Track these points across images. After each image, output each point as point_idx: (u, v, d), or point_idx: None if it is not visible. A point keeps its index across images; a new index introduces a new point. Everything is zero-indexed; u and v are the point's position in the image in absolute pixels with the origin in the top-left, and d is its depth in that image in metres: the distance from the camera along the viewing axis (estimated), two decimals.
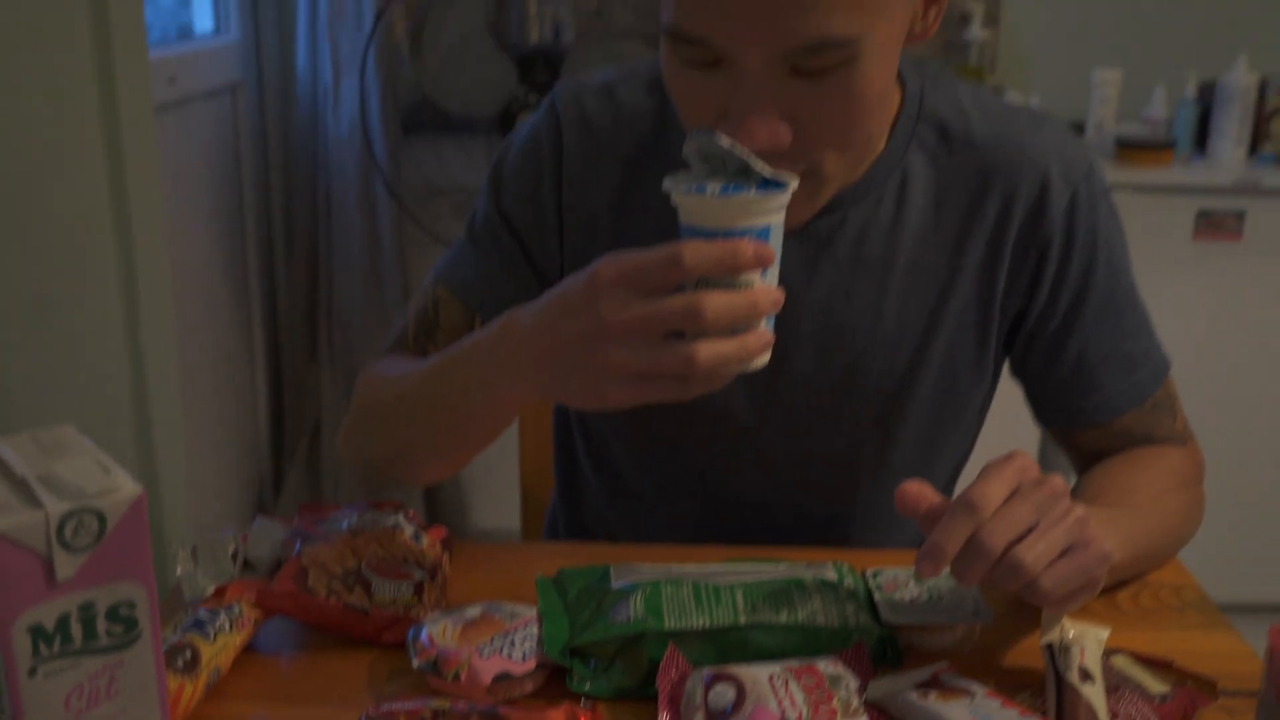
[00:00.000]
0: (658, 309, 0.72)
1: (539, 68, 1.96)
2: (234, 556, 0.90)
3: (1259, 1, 2.78)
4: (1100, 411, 1.03)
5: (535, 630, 0.81)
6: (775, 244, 0.75)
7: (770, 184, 0.74)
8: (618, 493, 1.14)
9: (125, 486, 0.56)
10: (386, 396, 0.99)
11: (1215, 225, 2.43)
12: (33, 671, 0.55)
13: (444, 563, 0.92)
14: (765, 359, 0.76)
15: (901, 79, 0.98)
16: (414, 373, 0.95)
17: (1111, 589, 0.94)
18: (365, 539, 0.92)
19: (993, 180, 0.97)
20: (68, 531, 0.54)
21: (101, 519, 0.55)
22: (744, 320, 0.73)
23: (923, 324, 0.99)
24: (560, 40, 2.46)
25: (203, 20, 2.35)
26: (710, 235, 0.73)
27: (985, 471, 0.78)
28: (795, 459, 1.04)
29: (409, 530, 0.94)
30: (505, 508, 2.31)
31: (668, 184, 0.75)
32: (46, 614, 0.55)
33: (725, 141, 0.74)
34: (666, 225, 0.79)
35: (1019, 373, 1.06)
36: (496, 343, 0.82)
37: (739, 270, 0.72)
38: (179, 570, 0.88)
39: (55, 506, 0.54)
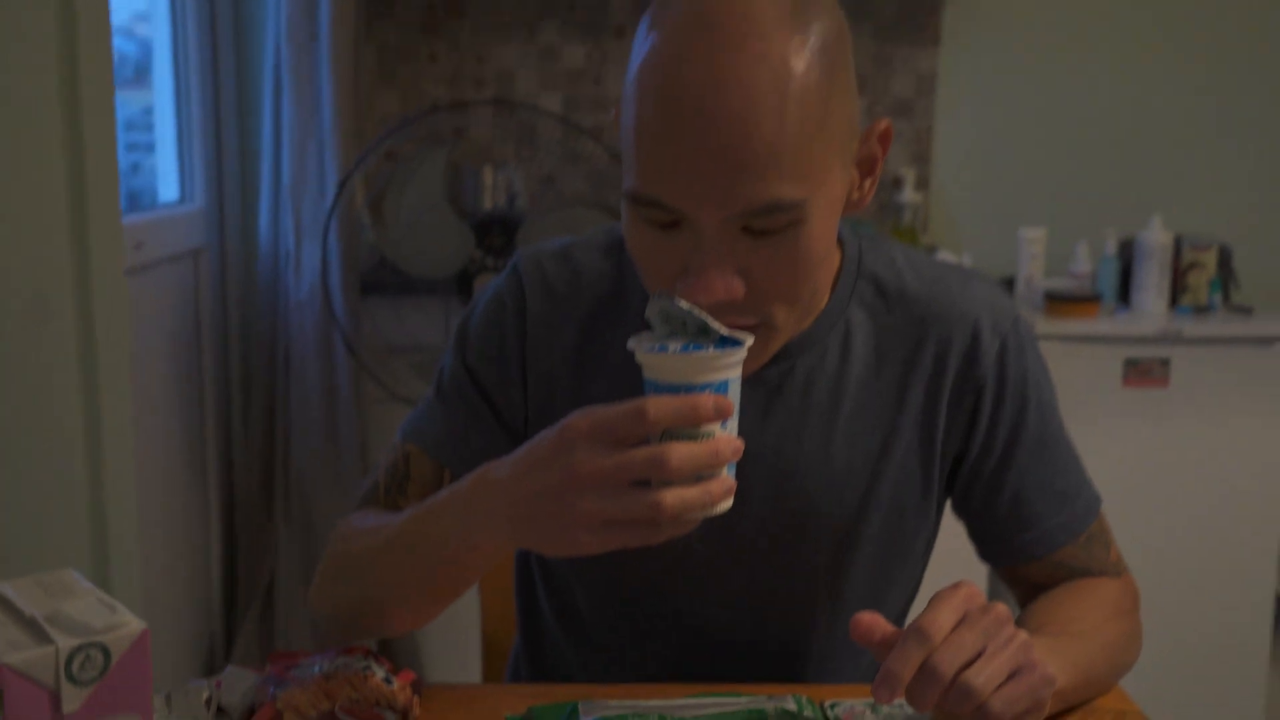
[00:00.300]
0: (626, 459, 0.78)
1: (495, 233, 2.06)
2: (208, 703, 0.92)
3: (1169, 165, 2.98)
4: (1038, 545, 1.08)
5: None
6: (734, 396, 0.81)
7: (727, 341, 0.80)
8: (579, 633, 1.16)
9: (130, 623, 0.60)
10: (360, 548, 1.02)
11: (1143, 372, 2.55)
12: None
13: (415, 705, 0.95)
14: (729, 504, 0.81)
15: (841, 241, 1.07)
16: (389, 524, 0.98)
17: (1057, 716, 0.98)
18: (338, 682, 0.94)
19: (928, 332, 1.05)
20: (75, 666, 0.58)
21: (107, 653, 0.59)
22: (707, 468, 0.78)
23: (869, 466, 1.05)
24: (515, 207, 2.57)
25: (167, 188, 2.43)
26: (673, 390, 0.79)
27: (934, 601, 0.83)
28: (753, 596, 1.08)
29: (380, 673, 0.96)
30: (463, 659, 2.30)
31: (632, 343, 0.81)
32: None
33: (684, 304, 0.80)
34: (623, 380, 0.85)
35: (961, 511, 1.12)
36: (472, 494, 0.87)
37: (700, 423, 0.78)
38: (154, 718, 0.89)
39: (65, 642, 0.58)
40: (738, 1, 0.85)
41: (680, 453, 0.77)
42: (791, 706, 0.90)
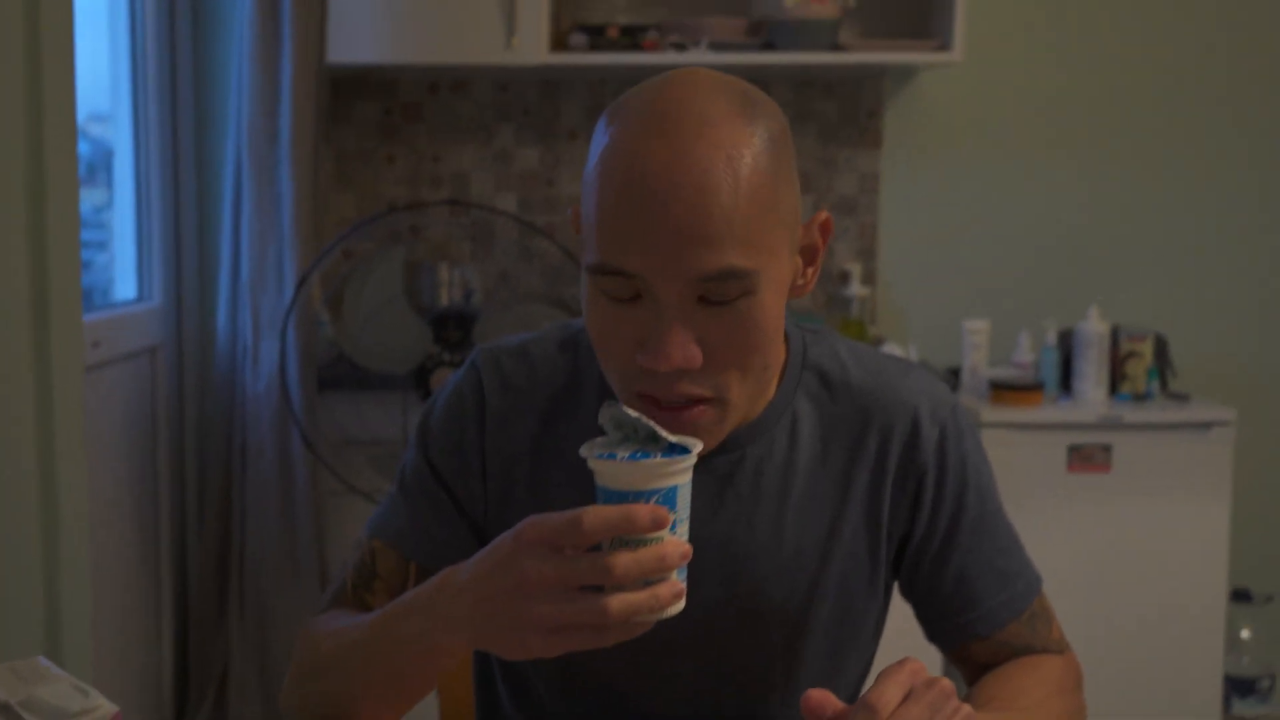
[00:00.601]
0: (571, 567, 0.81)
1: (452, 328, 2.10)
2: None
3: (1105, 259, 3.09)
4: (982, 624, 1.12)
5: None
6: (683, 502, 0.83)
7: (676, 449, 0.83)
8: (536, 715, 1.18)
9: (103, 706, 0.62)
10: (330, 648, 1.03)
11: (1085, 458, 2.62)
12: None
13: None
14: (679, 607, 0.83)
15: (787, 336, 1.12)
16: (357, 625, 1.00)
17: None
18: None
19: (871, 420, 1.10)
20: None
21: None
22: (653, 574, 0.81)
23: (818, 550, 1.09)
24: (471, 303, 2.62)
25: (125, 286, 2.45)
26: (621, 496, 0.82)
27: (882, 676, 0.86)
28: (707, 678, 1.11)
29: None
30: None
31: (584, 450, 0.84)
32: None
33: (633, 412, 0.83)
34: (580, 471, 0.88)
35: (908, 594, 1.15)
36: (434, 596, 0.90)
37: (637, 533, 0.81)
38: None
39: None
40: (692, 100, 0.93)
41: (624, 561, 0.80)
42: None
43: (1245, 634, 3.01)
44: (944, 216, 3.07)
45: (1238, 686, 2.98)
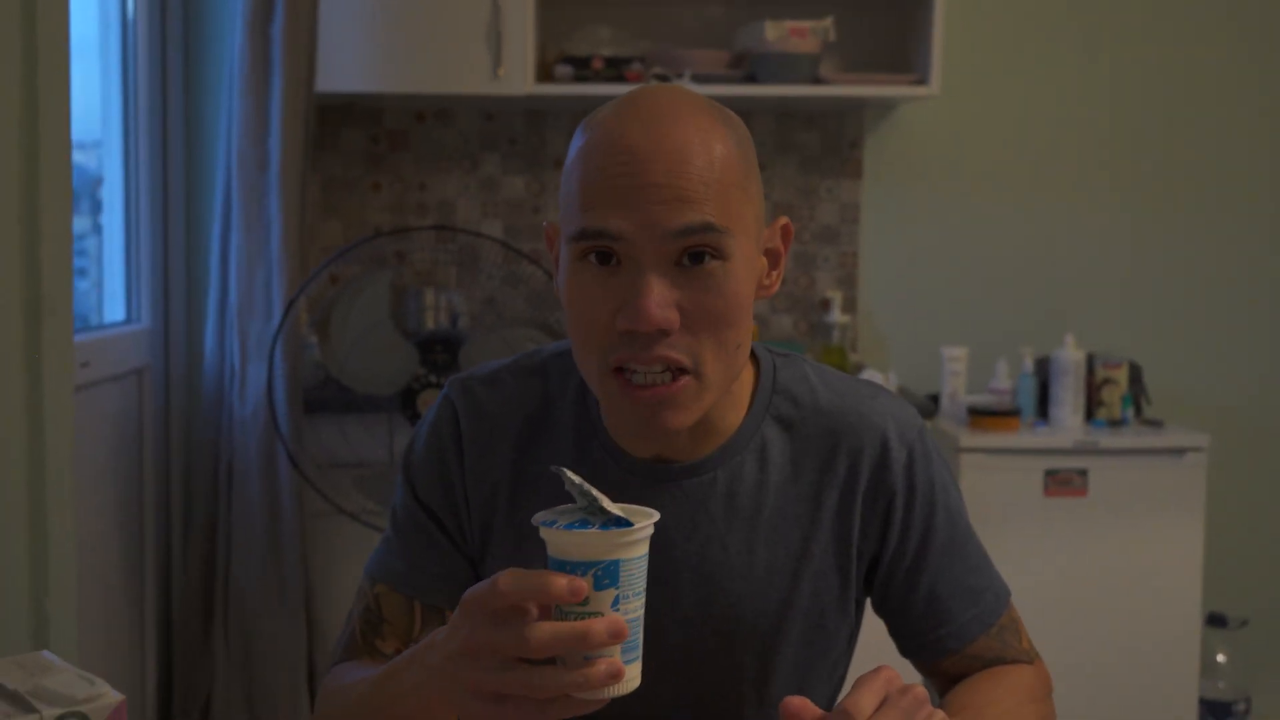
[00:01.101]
0: (498, 635, 0.81)
1: (438, 351, 2.13)
2: None
3: (1079, 289, 3.14)
4: (953, 639, 1.15)
5: None
6: (629, 577, 0.80)
7: (621, 522, 0.81)
8: None
9: (108, 694, 0.64)
10: (341, 707, 1.05)
11: (1062, 483, 2.66)
12: None
13: None
14: (624, 687, 0.81)
15: (756, 359, 1.15)
16: (362, 683, 1.03)
17: None
18: None
19: (840, 442, 1.12)
20: None
21: None
22: (577, 648, 0.79)
23: (790, 569, 1.12)
24: (457, 326, 2.65)
25: (114, 309, 2.48)
26: (561, 565, 0.79)
27: (857, 684, 0.89)
28: (683, 694, 1.13)
29: None
30: None
31: (536, 518, 0.84)
32: None
33: (575, 477, 0.82)
34: (554, 499, 0.91)
35: (880, 610, 1.18)
36: (418, 655, 0.92)
37: (552, 602, 0.79)
38: None
39: (48, 711, 0.62)
40: (668, 98, 0.99)
41: (541, 634, 0.79)
42: None
43: (1221, 658, 3.04)
44: (923, 246, 3.12)
45: (1214, 710, 3.01)
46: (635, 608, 0.82)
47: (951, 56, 3.02)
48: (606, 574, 0.80)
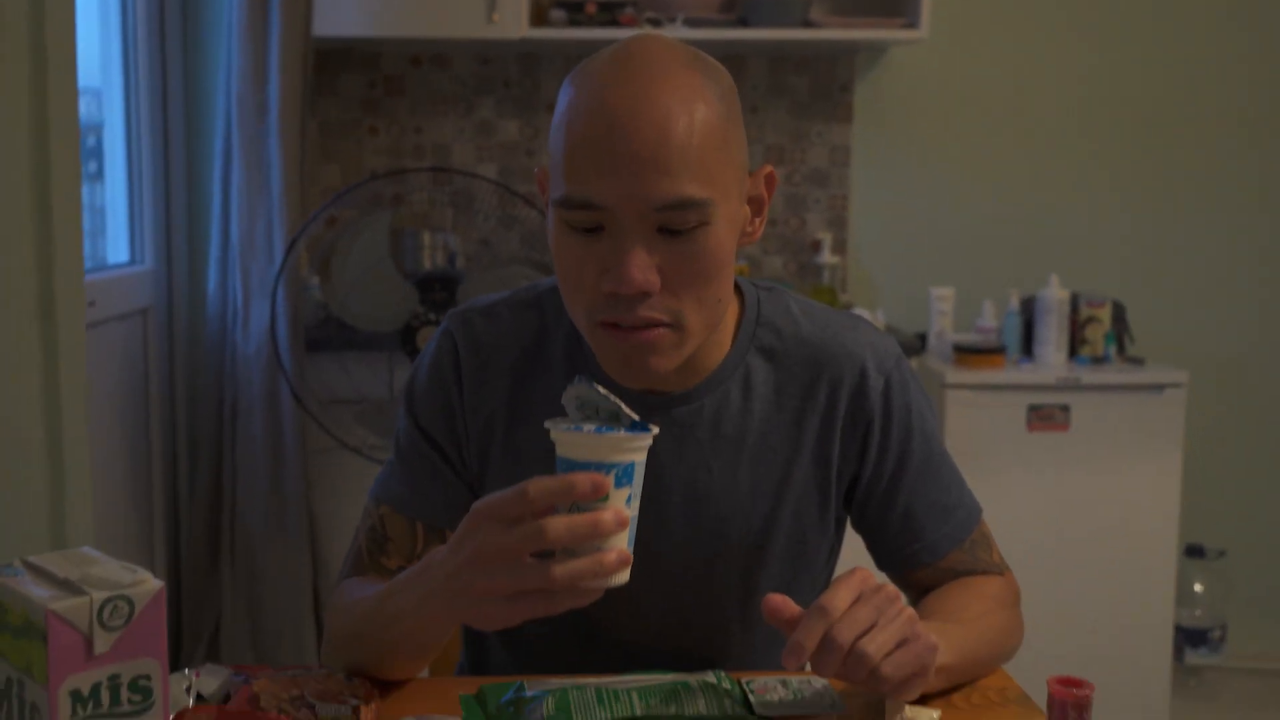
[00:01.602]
0: (513, 536, 0.88)
1: (437, 289, 2.18)
2: (187, 690, 1.02)
3: (1062, 231, 3.20)
4: (927, 553, 1.22)
5: None
6: (639, 478, 0.88)
7: (638, 426, 0.88)
8: (519, 649, 1.28)
9: (149, 581, 0.71)
10: (348, 622, 1.12)
11: (1045, 418, 2.73)
12: None
13: (375, 694, 1.05)
14: (625, 576, 0.87)
15: (740, 292, 1.20)
16: (366, 600, 1.09)
17: (949, 693, 1.11)
18: (305, 680, 1.05)
19: (820, 372, 1.18)
20: (105, 614, 0.69)
21: (131, 605, 0.70)
22: (588, 539, 0.86)
23: (773, 491, 1.18)
24: (455, 265, 2.70)
25: (116, 252, 2.53)
26: (584, 467, 0.86)
27: (834, 583, 0.96)
28: (673, 610, 1.20)
29: (341, 675, 1.07)
30: None
31: (549, 424, 0.90)
32: (84, 682, 0.68)
33: (601, 389, 0.90)
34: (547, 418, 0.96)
35: (859, 527, 1.25)
36: (419, 574, 0.99)
37: (577, 500, 0.85)
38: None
39: (97, 594, 0.69)
40: (651, 54, 1.02)
41: (557, 526, 0.85)
42: (712, 680, 1.02)
43: (1198, 588, 3.14)
44: (912, 188, 3.17)
45: (1190, 637, 3.11)
46: (637, 508, 0.89)
47: (941, 1, 3.05)
48: (625, 474, 0.87)
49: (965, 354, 2.79)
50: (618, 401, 0.89)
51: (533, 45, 2.96)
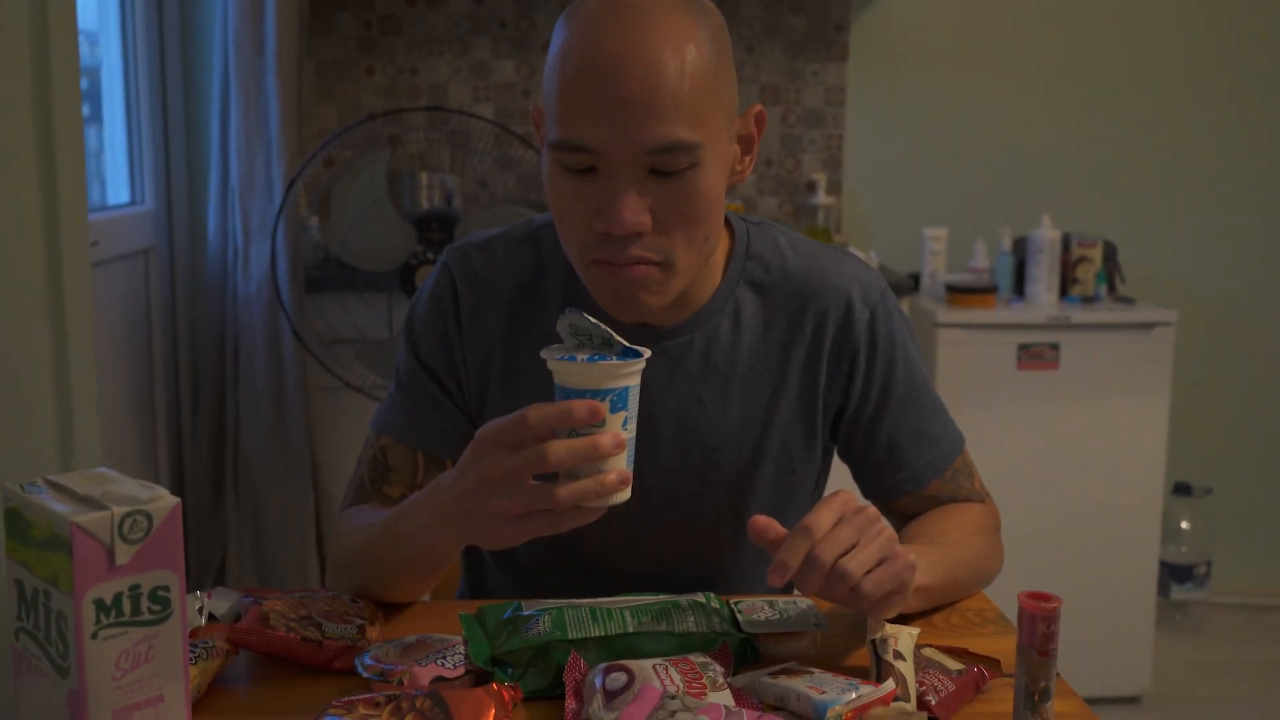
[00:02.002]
0: (517, 459, 0.92)
1: (435, 229, 2.21)
2: (200, 611, 1.07)
3: (1054, 172, 3.22)
4: (911, 482, 1.26)
5: (462, 649, 0.99)
6: (633, 402, 0.92)
7: (629, 352, 0.92)
8: (517, 576, 1.33)
9: (166, 497, 0.75)
10: (354, 544, 1.16)
11: (1035, 356, 2.77)
12: (94, 635, 0.72)
13: (379, 615, 1.10)
14: (625, 494, 0.92)
15: (731, 227, 1.24)
16: (373, 524, 1.13)
17: (929, 613, 1.16)
18: (312, 601, 1.09)
19: (807, 304, 1.22)
20: (125, 527, 0.73)
21: (150, 519, 0.74)
22: (588, 461, 0.90)
23: (761, 419, 1.22)
24: (452, 205, 2.73)
25: (117, 191, 2.55)
26: (580, 395, 0.91)
27: (817, 505, 1.00)
28: (666, 536, 1.25)
29: (347, 597, 1.12)
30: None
31: (544, 353, 0.94)
32: (106, 591, 0.73)
33: (591, 319, 0.93)
34: (544, 362, 1.00)
35: (845, 456, 1.29)
36: (426, 498, 1.03)
37: (574, 425, 0.90)
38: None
39: (118, 508, 0.73)
40: None
41: (558, 449, 0.90)
42: (702, 600, 1.06)
43: (1185, 524, 3.20)
44: (907, 129, 3.19)
45: (1176, 573, 3.17)
46: (634, 429, 0.93)
47: None
48: (620, 399, 0.91)
49: (957, 294, 2.82)
50: (608, 330, 0.93)
51: None
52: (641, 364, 0.92)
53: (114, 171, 2.54)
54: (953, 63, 3.16)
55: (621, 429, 0.92)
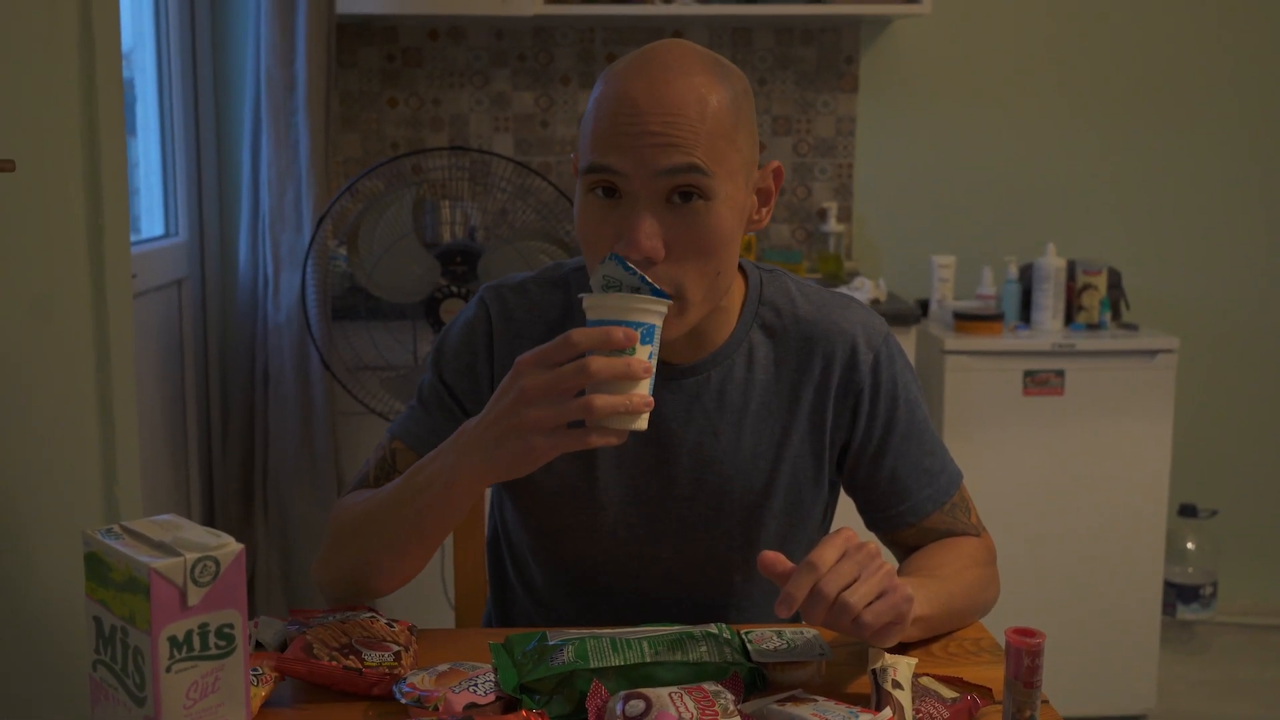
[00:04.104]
0: (561, 370, 1.02)
1: (458, 262, 2.30)
2: (248, 639, 1.15)
3: (1060, 200, 3.29)
4: (911, 514, 1.34)
5: (492, 676, 1.07)
6: (656, 340, 1.05)
7: (657, 293, 1.06)
8: (540, 602, 1.41)
9: (232, 544, 0.83)
10: (357, 512, 1.24)
11: (1040, 383, 2.84)
12: (168, 669, 0.81)
13: (413, 641, 1.18)
14: (644, 422, 1.03)
15: (745, 274, 1.32)
16: (380, 491, 1.21)
17: (928, 642, 1.24)
18: (351, 625, 1.18)
19: (815, 347, 1.31)
20: (197, 572, 0.81)
21: (218, 564, 0.82)
22: (623, 376, 1.01)
23: (772, 453, 1.31)
24: (475, 239, 2.82)
25: (152, 224, 2.64)
26: (623, 325, 1.04)
27: (821, 542, 1.08)
28: (680, 563, 1.33)
29: (382, 619, 1.20)
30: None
31: (582, 295, 1.06)
32: (179, 629, 0.81)
33: (627, 265, 1.05)
34: None
35: (849, 488, 1.37)
36: (447, 445, 1.12)
37: (613, 345, 1.02)
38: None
39: (190, 555, 0.81)
40: (674, 56, 1.15)
41: (599, 363, 1.01)
42: (714, 630, 1.14)
43: (1190, 545, 3.25)
44: (916, 158, 3.26)
45: (1182, 594, 3.22)
46: (655, 365, 1.05)
47: None
48: (648, 333, 1.04)
49: (965, 321, 2.89)
50: (641, 274, 1.06)
51: (546, 20, 3.05)
52: (665, 306, 1.05)
53: (149, 205, 2.64)
54: (960, 93, 3.24)
55: (648, 359, 1.04)
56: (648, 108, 1.11)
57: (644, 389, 1.04)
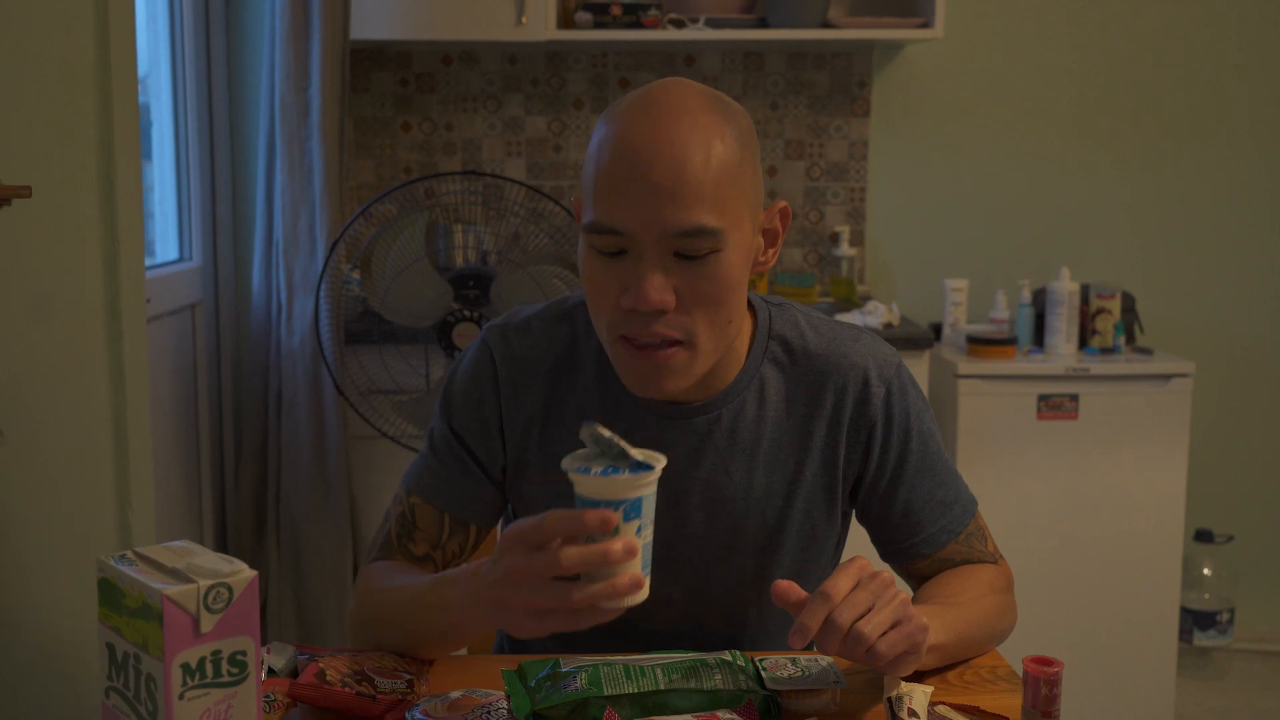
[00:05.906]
0: (536, 561, 0.98)
1: (471, 286, 2.30)
2: (260, 665, 1.14)
3: (1073, 224, 3.28)
4: (926, 545, 1.33)
5: (505, 704, 1.06)
6: (648, 509, 0.98)
7: (641, 466, 0.97)
8: (556, 637, 1.39)
9: (245, 571, 0.83)
10: (382, 605, 1.24)
11: (1054, 406, 2.83)
12: (181, 696, 0.80)
13: (426, 670, 1.18)
14: (640, 596, 0.96)
15: (754, 309, 1.31)
16: (403, 588, 1.20)
17: (944, 670, 1.23)
18: (363, 657, 1.17)
19: (827, 381, 1.29)
20: (209, 598, 0.81)
21: (230, 591, 0.82)
22: (599, 567, 0.95)
23: (784, 489, 1.30)
24: (487, 263, 2.82)
25: (166, 249, 2.66)
26: (594, 504, 0.96)
27: (835, 571, 1.07)
28: (695, 599, 1.32)
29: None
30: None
31: (565, 463, 1.00)
32: (192, 656, 0.81)
33: (606, 432, 1.00)
34: (580, 425, 1.06)
35: (863, 520, 1.36)
36: (462, 578, 1.10)
37: (586, 533, 0.95)
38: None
39: (203, 582, 0.81)
40: (676, 96, 1.13)
41: (570, 554, 0.95)
42: (728, 658, 1.13)
43: (1207, 571, 3.23)
44: (928, 182, 3.26)
45: (1199, 620, 3.20)
46: (650, 534, 1.00)
47: (955, 1, 3.13)
48: (632, 508, 0.98)
49: (978, 344, 2.89)
50: (623, 444, 0.99)
51: (559, 45, 3.07)
52: (653, 476, 0.97)
53: (164, 230, 2.65)
54: (972, 117, 3.24)
55: (635, 536, 0.98)
56: (651, 159, 1.09)
57: (633, 568, 0.97)
